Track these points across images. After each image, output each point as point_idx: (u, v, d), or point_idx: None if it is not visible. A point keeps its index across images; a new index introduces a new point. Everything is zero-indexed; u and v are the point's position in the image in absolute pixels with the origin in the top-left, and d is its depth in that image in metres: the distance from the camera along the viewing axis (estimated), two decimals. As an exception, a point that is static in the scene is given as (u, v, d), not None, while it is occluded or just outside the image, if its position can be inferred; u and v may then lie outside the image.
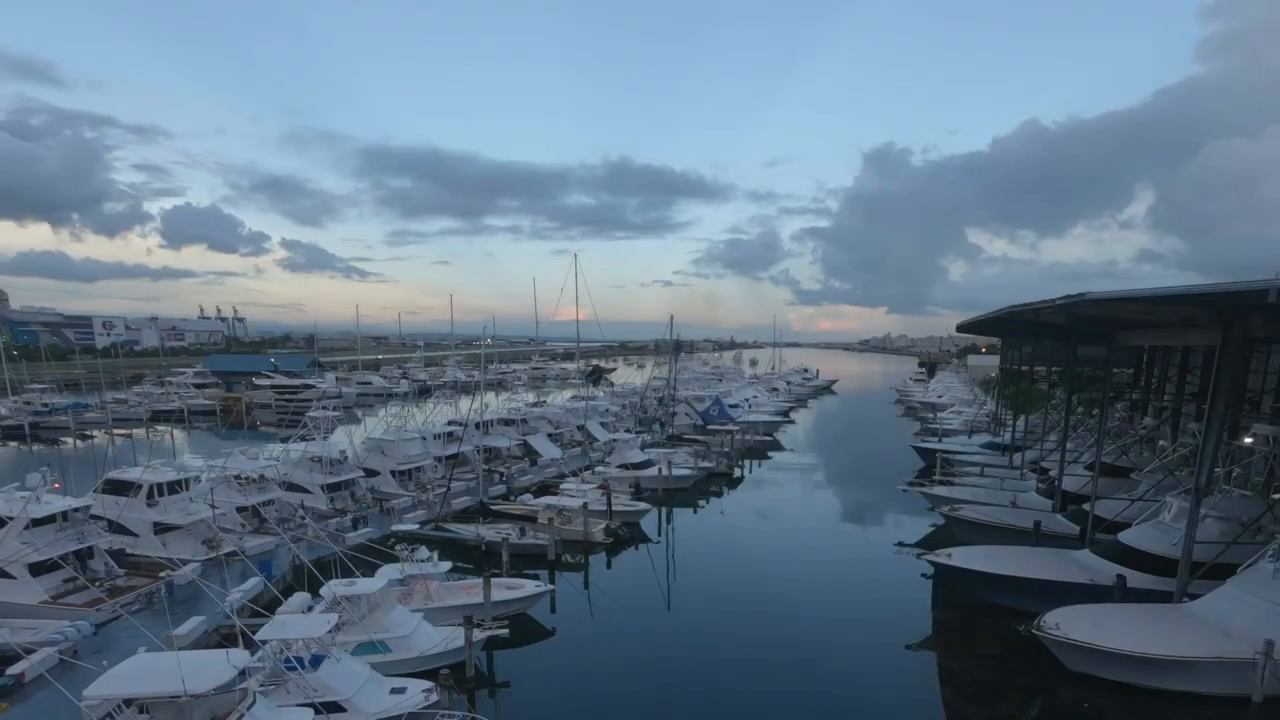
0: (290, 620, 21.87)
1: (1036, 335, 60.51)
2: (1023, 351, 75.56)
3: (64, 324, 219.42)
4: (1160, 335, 32.62)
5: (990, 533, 37.54)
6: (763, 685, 24.93)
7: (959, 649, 28.41)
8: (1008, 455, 59.16)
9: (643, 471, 52.71)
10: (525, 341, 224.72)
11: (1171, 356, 50.65)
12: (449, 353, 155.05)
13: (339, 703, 19.32)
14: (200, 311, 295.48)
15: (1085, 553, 31.75)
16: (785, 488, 59.21)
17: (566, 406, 77.11)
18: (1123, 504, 35.02)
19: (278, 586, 30.56)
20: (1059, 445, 44.54)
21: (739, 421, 79.24)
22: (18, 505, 29.42)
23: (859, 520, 48.54)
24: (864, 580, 36.10)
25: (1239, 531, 27.96)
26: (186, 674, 16.47)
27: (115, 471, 36.03)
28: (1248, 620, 23.24)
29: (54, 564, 28.18)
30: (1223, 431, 27.61)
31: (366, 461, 49.91)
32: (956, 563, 31.37)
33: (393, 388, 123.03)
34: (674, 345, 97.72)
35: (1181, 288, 22.37)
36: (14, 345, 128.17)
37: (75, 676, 19.68)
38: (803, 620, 30.74)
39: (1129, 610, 26.02)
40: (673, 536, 44.49)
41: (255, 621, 22.97)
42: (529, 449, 61.04)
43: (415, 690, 20.68)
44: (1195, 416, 40.82)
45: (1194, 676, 22.73)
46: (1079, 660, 24.03)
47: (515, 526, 39.72)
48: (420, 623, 25.41)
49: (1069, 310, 27.45)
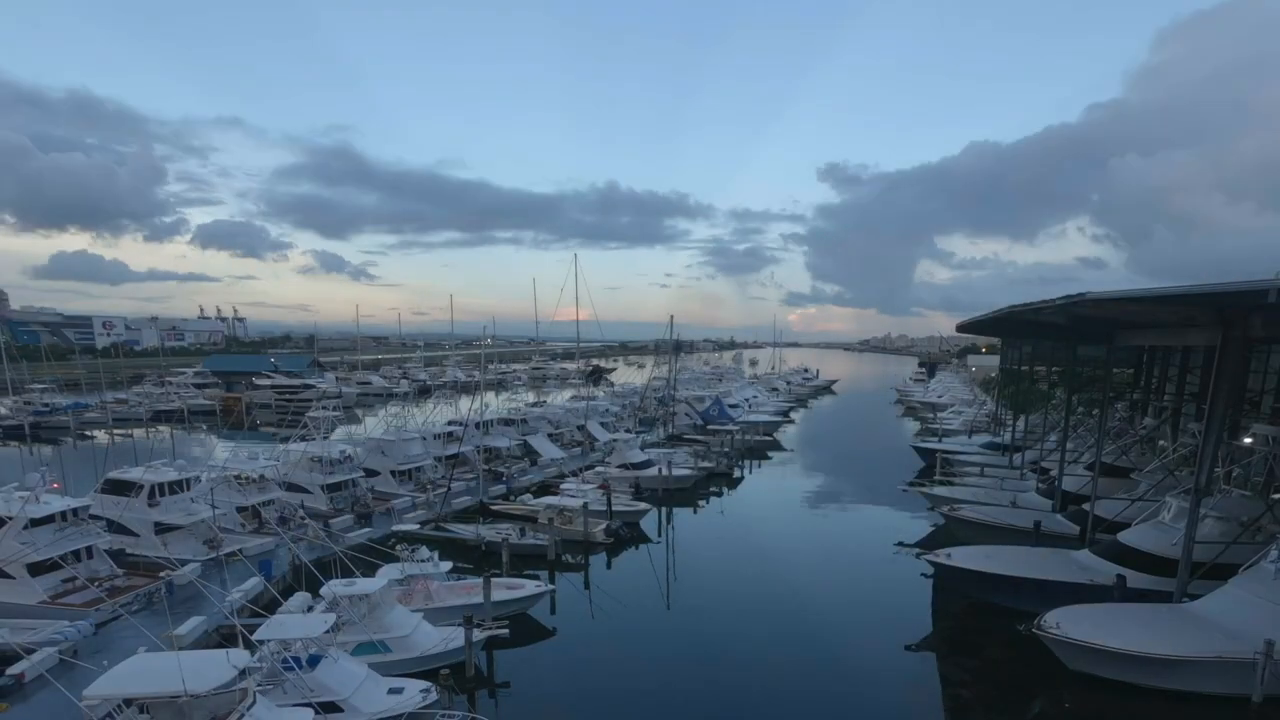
0: (288, 620, 21.87)
1: (1036, 335, 60.51)
2: (1023, 351, 75.54)
3: (64, 324, 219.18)
4: (1160, 335, 32.61)
5: (990, 533, 37.53)
6: (763, 685, 24.92)
7: (959, 649, 28.40)
8: (1008, 455, 59.16)
9: (643, 471, 52.71)
10: (525, 341, 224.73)
11: (1171, 356, 50.62)
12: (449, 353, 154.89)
13: (336, 703, 19.30)
14: (200, 311, 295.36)
15: (1085, 553, 31.74)
16: (785, 488, 59.18)
17: (566, 406, 77.10)
18: (1123, 504, 35.01)
19: (277, 586, 30.57)
20: (1059, 445, 44.54)
21: (739, 421, 79.22)
22: (17, 505, 29.43)
23: (859, 520, 48.51)
24: (864, 580, 36.08)
25: (1239, 531, 27.95)
26: (186, 674, 16.46)
27: (115, 471, 36.02)
28: (1248, 620, 23.24)
29: (53, 564, 28.17)
30: (1223, 431, 27.60)
31: (366, 461, 49.89)
32: (956, 563, 31.36)
33: (393, 388, 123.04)
34: (674, 345, 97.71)
35: (1182, 287, 22.34)
36: (14, 345, 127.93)
37: (75, 676, 19.70)
38: (803, 620, 30.74)
39: (1130, 610, 26.02)
40: (673, 536, 44.49)
41: (255, 621, 22.96)
42: (529, 449, 61.04)
43: (413, 690, 20.68)
44: (1195, 416, 40.80)
45: (1194, 676, 22.73)
46: (1079, 660, 24.03)
47: (515, 526, 39.71)
48: (420, 623, 25.41)
49: (1069, 310, 27.44)
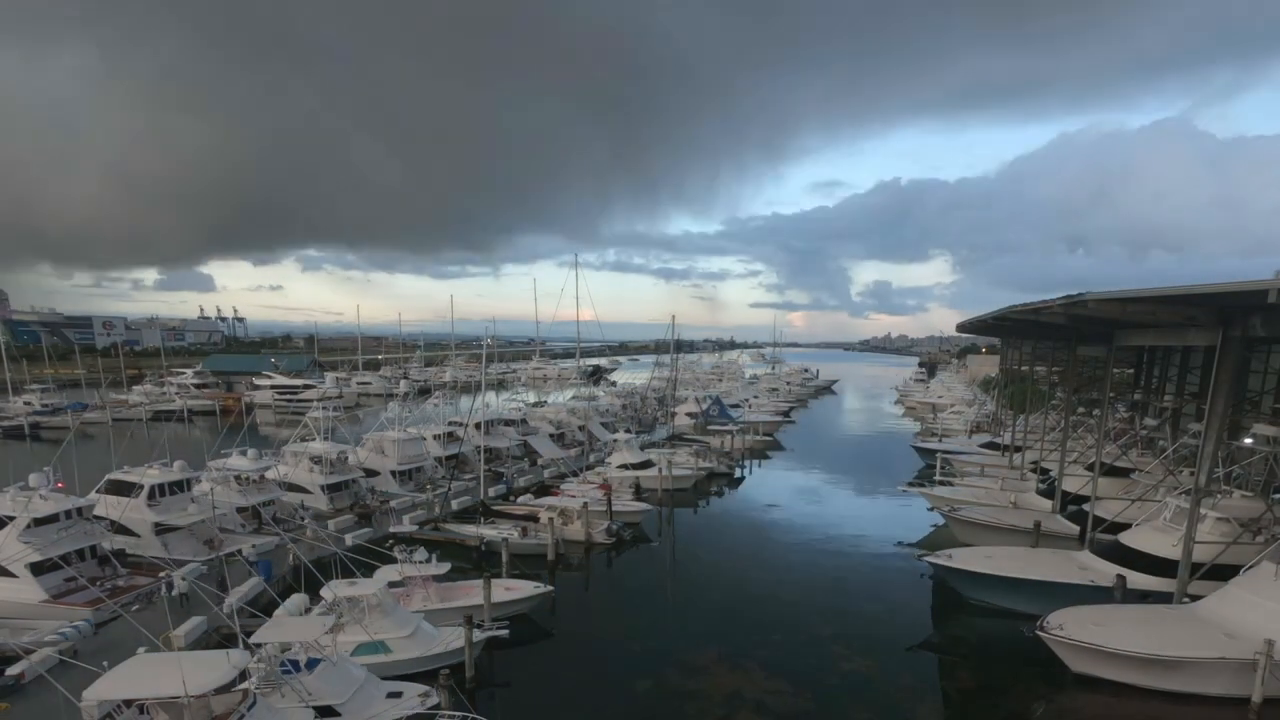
0: (287, 622, 21.85)
1: (1036, 335, 60.51)
2: (1023, 351, 75.48)
3: (64, 324, 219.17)
4: (1160, 335, 32.55)
5: (990, 533, 37.53)
6: (763, 685, 24.91)
7: (960, 650, 28.40)
8: (1008, 455, 59.15)
9: (643, 471, 52.70)
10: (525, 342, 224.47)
11: (1171, 356, 50.56)
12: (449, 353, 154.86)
13: (333, 707, 19.23)
14: (200, 312, 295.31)
15: (1085, 553, 31.76)
16: (785, 488, 59.17)
17: (567, 406, 77.10)
18: (1123, 504, 35.00)
19: (277, 587, 30.52)
20: (1059, 445, 44.52)
21: (739, 421, 79.23)
22: (20, 505, 29.47)
23: (859, 520, 48.48)
24: (864, 581, 36.05)
25: (1239, 532, 27.95)
26: (187, 675, 16.39)
27: (116, 472, 36.02)
28: (1249, 621, 23.25)
29: (54, 564, 28.18)
30: (1223, 431, 27.58)
31: (366, 461, 49.92)
32: (957, 563, 31.38)
33: (393, 388, 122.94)
34: (674, 345, 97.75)
35: (1182, 288, 22.35)
36: (14, 345, 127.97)
37: (75, 676, 19.65)
38: (802, 620, 30.71)
39: (1132, 611, 26.03)
40: (673, 537, 44.49)
41: (255, 622, 22.95)
42: (529, 449, 61.05)
43: (411, 694, 20.62)
44: (1195, 416, 40.77)
45: (1196, 677, 22.73)
46: (1082, 661, 24.03)
47: (515, 526, 39.68)
48: (421, 623, 25.40)
49: (1069, 311, 27.46)
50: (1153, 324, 29.42)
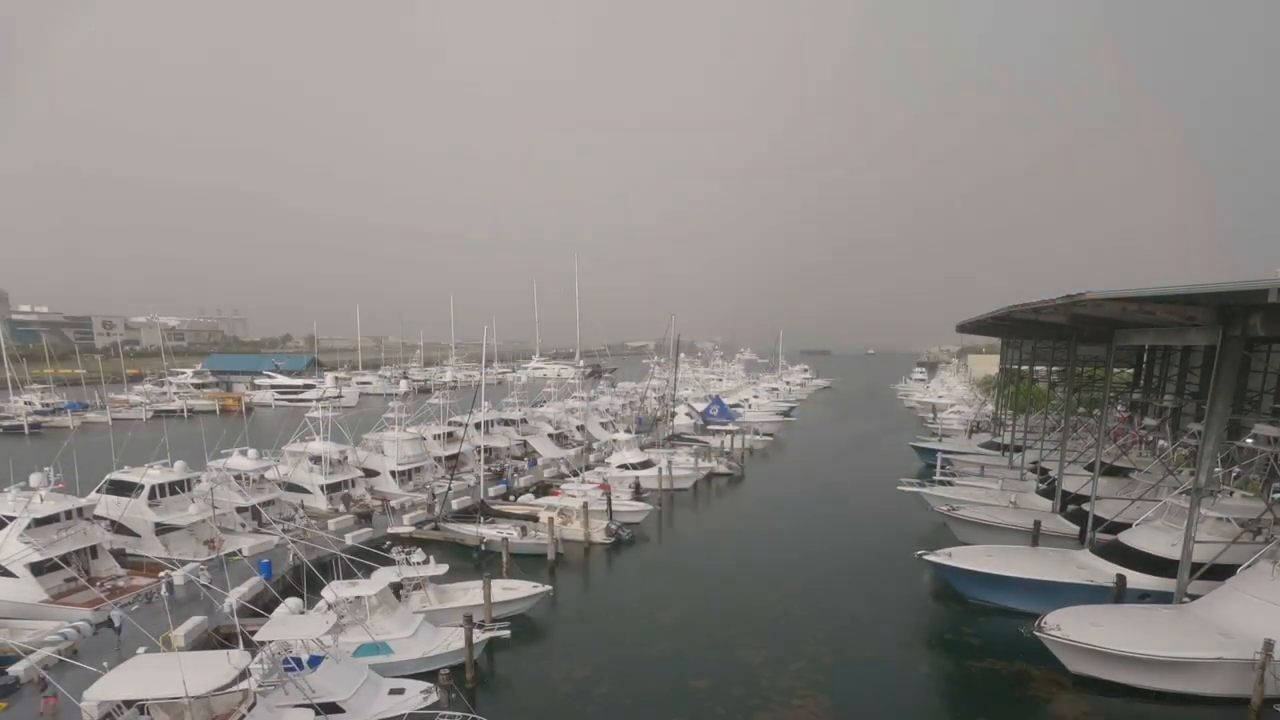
0: (289, 621, 21.86)
1: (1036, 335, 60.50)
2: (1023, 351, 75.48)
3: (64, 324, 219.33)
4: (1160, 335, 32.58)
5: (990, 533, 37.53)
6: (763, 684, 24.91)
7: (959, 650, 28.37)
8: (1008, 455, 59.13)
9: (643, 471, 52.70)
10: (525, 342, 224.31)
11: (1171, 356, 50.59)
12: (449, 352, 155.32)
13: (337, 704, 19.28)
14: (200, 312, 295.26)
15: (1085, 553, 31.76)
16: (785, 488, 59.16)
17: (567, 406, 77.10)
18: (1123, 504, 34.98)
19: (277, 587, 30.54)
20: (1059, 445, 44.51)
21: (739, 421, 79.25)
22: (20, 505, 29.46)
23: (859, 520, 48.47)
24: (863, 580, 36.01)
25: (1239, 532, 27.95)
26: (187, 675, 16.38)
27: (117, 472, 36.02)
28: (1248, 621, 23.23)
29: (54, 564, 28.18)
30: (1223, 431, 27.58)
31: (366, 461, 49.91)
32: (956, 563, 31.38)
33: (393, 388, 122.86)
34: (674, 344, 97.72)
35: (1183, 287, 22.36)
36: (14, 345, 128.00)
37: (75, 676, 19.67)
38: (802, 620, 30.69)
39: (1130, 611, 26.04)
40: (673, 537, 44.49)
41: (255, 622, 22.95)
42: (529, 449, 61.05)
43: (414, 691, 20.67)
44: (1195, 416, 40.79)
45: (1195, 677, 22.73)
46: (1080, 661, 24.03)
47: (515, 526, 39.66)
48: (422, 624, 25.42)
49: (1069, 310, 27.47)
50: (1153, 323, 29.47)
